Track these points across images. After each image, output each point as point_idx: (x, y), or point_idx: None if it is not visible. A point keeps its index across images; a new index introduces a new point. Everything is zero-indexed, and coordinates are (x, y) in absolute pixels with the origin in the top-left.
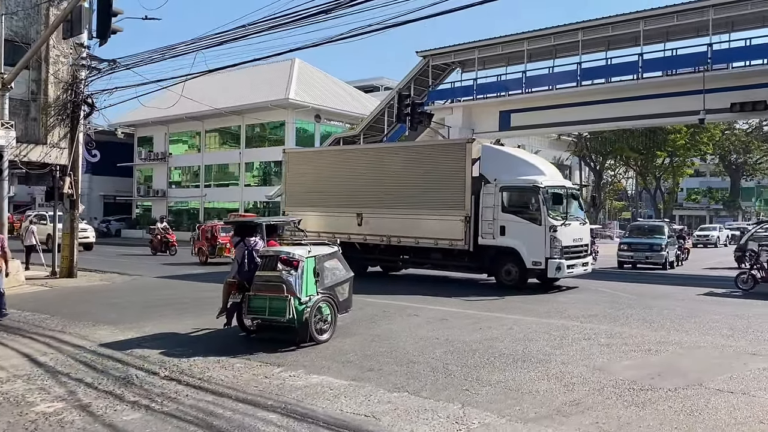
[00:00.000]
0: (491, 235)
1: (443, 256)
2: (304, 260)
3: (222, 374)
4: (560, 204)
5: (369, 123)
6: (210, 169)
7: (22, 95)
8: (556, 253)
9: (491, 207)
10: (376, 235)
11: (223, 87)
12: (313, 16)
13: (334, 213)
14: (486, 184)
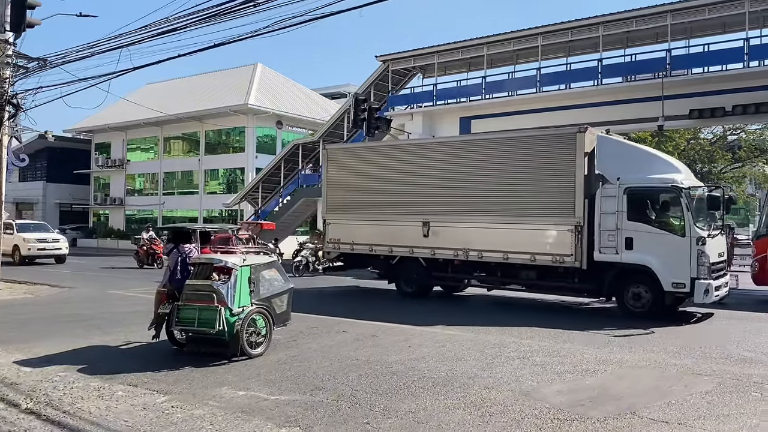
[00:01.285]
0: (613, 249)
1: (539, 275)
2: (238, 269)
3: (95, 405)
4: (705, 210)
5: (328, 129)
6: (170, 177)
7: None
8: (704, 272)
9: (612, 213)
10: (449, 249)
11: (183, 92)
12: (239, 10)
13: (391, 221)
14: (604, 184)
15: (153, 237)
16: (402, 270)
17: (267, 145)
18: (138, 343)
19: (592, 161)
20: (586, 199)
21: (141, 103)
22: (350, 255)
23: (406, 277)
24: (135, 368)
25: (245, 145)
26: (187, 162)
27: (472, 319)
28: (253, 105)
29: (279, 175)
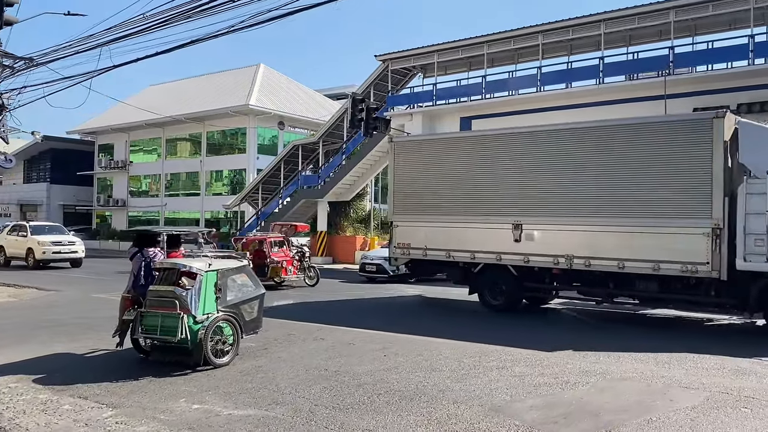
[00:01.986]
0: (763, 256)
1: (662, 286)
2: (203, 274)
3: (35, 420)
4: None
5: (328, 129)
6: (171, 178)
7: None
8: None
9: (762, 214)
10: (547, 256)
11: (186, 94)
12: (215, 7)
13: (473, 223)
14: (750, 179)
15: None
16: (486, 279)
17: (268, 146)
18: (104, 351)
19: (730, 152)
20: (726, 197)
21: (144, 105)
22: (421, 261)
23: (491, 288)
24: (92, 378)
25: (246, 146)
26: (189, 163)
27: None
28: (254, 106)
29: (279, 176)
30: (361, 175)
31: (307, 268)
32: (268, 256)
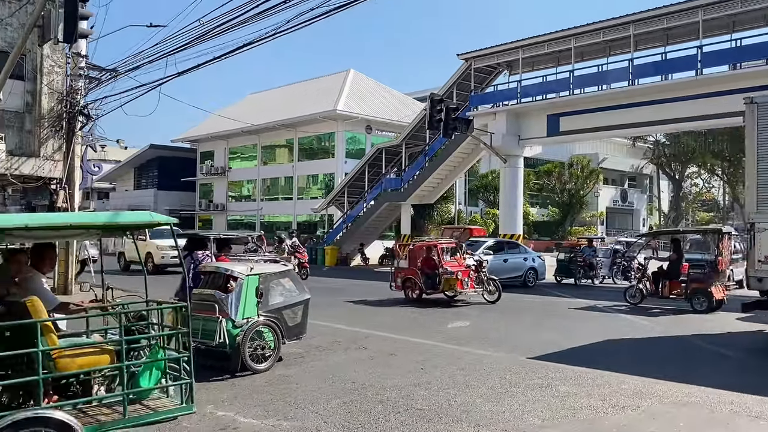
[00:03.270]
0: None
1: None
2: (244, 278)
3: None
4: None
5: (411, 132)
6: (267, 183)
7: (17, 107)
8: None
9: None
10: None
11: (280, 101)
12: (271, 9)
13: None
14: None
15: (297, 244)
16: None
17: (357, 150)
18: None
19: None
20: None
21: (242, 112)
22: None
23: None
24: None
25: (335, 151)
26: (283, 168)
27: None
28: (342, 110)
29: (364, 179)
30: (444, 177)
31: (485, 280)
32: (439, 266)
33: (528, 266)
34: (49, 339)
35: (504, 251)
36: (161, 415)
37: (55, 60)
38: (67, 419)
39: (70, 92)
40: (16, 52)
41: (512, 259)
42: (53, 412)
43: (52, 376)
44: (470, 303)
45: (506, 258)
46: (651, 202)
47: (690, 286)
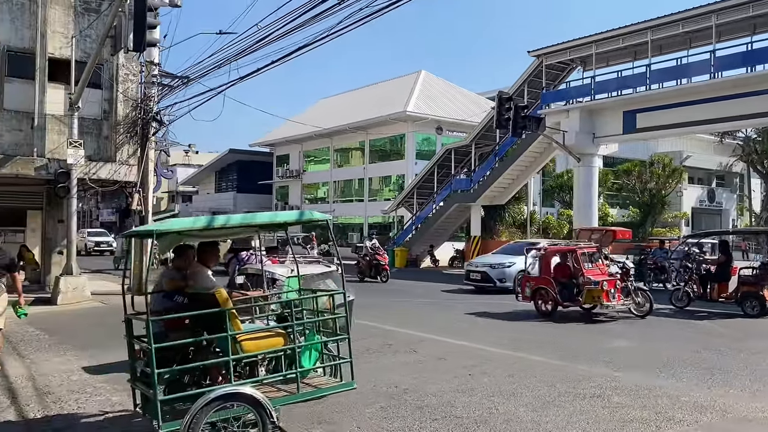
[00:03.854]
0: None
1: None
2: (284, 279)
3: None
4: None
5: (480, 131)
6: (338, 185)
7: (96, 115)
8: None
9: None
10: None
11: (352, 104)
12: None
13: None
14: None
15: (377, 246)
16: None
17: (428, 151)
18: None
19: None
20: None
21: (315, 116)
22: None
23: None
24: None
25: (405, 152)
26: (354, 171)
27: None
28: (411, 112)
29: (433, 180)
30: (516, 177)
31: (633, 291)
32: (580, 274)
33: None
34: (235, 325)
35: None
36: (327, 391)
37: (130, 69)
38: (255, 393)
39: (144, 99)
40: (91, 62)
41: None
42: (243, 388)
43: (239, 357)
44: (615, 318)
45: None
46: (741, 202)
47: (741, 289)
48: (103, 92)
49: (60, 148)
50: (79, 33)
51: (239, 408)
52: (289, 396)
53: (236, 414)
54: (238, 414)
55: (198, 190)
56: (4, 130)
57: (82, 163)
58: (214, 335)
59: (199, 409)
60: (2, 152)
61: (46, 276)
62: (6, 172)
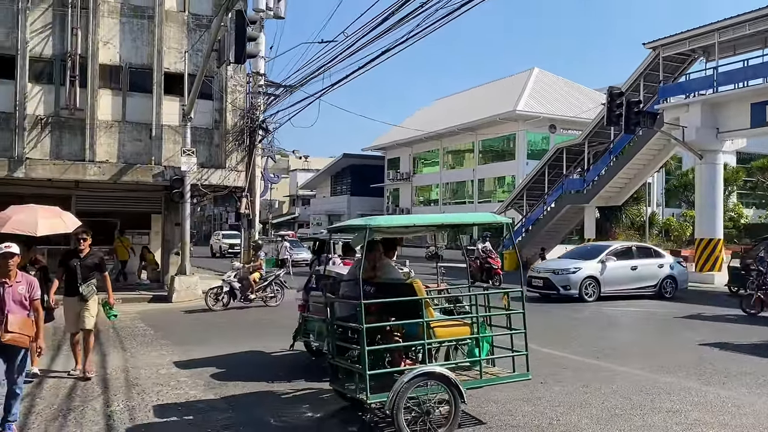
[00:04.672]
0: None
1: None
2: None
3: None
4: None
5: (593, 129)
6: (448, 187)
7: (207, 124)
8: None
9: None
10: None
11: (462, 105)
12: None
13: None
14: None
15: (489, 249)
16: None
17: (540, 150)
18: (297, 351)
19: None
20: None
21: (427, 118)
22: None
23: None
24: (252, 376)
25: (516, 153)
26: (464, 172)
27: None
28: (522, 111)
29: (543, 181)
30: (633, 176)
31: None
32: None
33: (664, 274)
34: (429, 313)
35: (632, 257)
36: (506, 379)
37: (238, 80)
38: (447, 373)
39: (250, 108)
40: (200, 75)
41: (643, 267)
42: (436, 368)
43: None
44: None
45: (635, 265)
46: None
47: None
48: (213, 103)
49: (175, 156)
50: (191, 48)
51: (434, 387)
52: (474, 381)
53: (432, 392)
54: (433, 392)
55: (315, 194)
56: (126, 141)
57: (194, 169)
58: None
59: (405, 384)
60: (125, 161)
61: (165, 275)
62: (128, 179)
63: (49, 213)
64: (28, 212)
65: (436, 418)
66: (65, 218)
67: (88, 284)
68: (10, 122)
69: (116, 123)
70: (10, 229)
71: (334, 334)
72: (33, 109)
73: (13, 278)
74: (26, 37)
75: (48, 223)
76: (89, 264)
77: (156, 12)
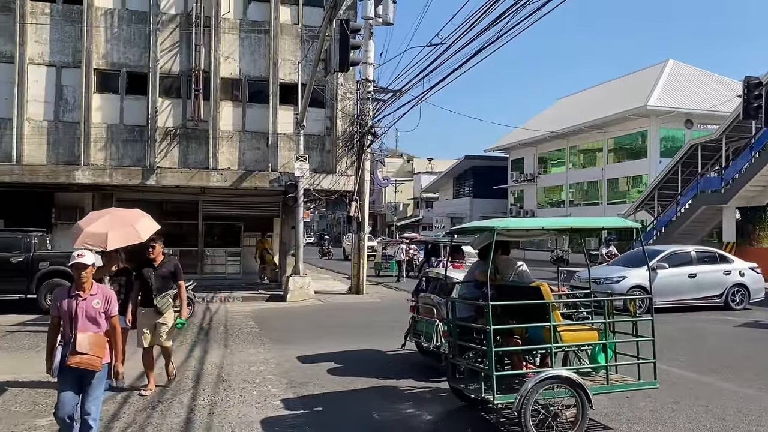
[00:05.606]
0: None
1: None
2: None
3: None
4: None
5: (731, 124)
6: (576, 188)
7: (319, 131)
8: None
9: None
10: None
11: (590, 102)
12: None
13: None
14: None
15: (614, 254)
16: None
17: (675, 148)
18: (409, 351)
19: None
20: None
21: (551, 117)
22: None
23: None
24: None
25: (647, 150)
26: (591, 172)
27: None
28: (653, 106)
29: (676, 180)
30: None
31: None
32: None
33: (731, 282)
34: (556, 316)
35: (690, 263)
36: (633, 386)
37: (348, 87)
38: (576, 377)
39: (360, 115)
40: (309, 85)
41: (703, 274)
42: (563, 371)
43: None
44: None
45: (693, 272)
46: None
47: None
48: (325, 110)
49: (289, 163)
50: (304, 59)
51: (561, 390)
52: (602, 386)
53: (559, 395)
54: (560, 395)
55: (438, 196)
56: (246, 149)
57: (307, 175)
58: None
59: (533, 386)
60: (245, 168)
61: (282, 276)
62: (246, 185)
63: (123, 221)
64: (101, 222)
65: (562, 422)
66: (140, 225)
67: (164, 295)
68: (143, 134)
69: (236, 132)
70: (82, 243)
71: (455, 334)
72: (163, 122)
73: (87, 291)
74: (156, 56)
75: (119, 235)
76: (164, 273)
77: (272, 26)
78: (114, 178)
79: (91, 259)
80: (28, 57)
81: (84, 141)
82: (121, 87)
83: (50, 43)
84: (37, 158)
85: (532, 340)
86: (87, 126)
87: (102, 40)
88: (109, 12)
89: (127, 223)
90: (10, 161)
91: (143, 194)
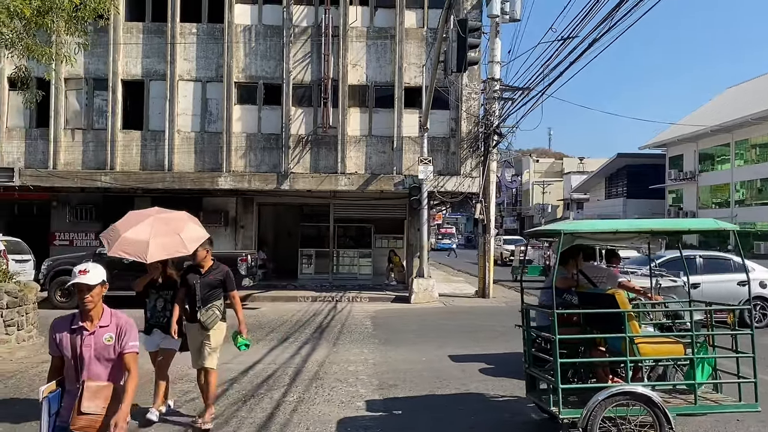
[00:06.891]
0: None
1: None
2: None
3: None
4: None
5: None
6: (744, 186)
7: (444, 133)
8: None
9: None
10: None
11: (759, 92)
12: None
13: None
14: None
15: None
16: None
17: None
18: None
19: None
20: None
21: (715, 110)
22: None
23: None
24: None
25: None
26: (762, 169)
27: None
28: None
29: None
30: None
31: None
32: None
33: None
34: (633, 327)
35: (695, 271)
36: (726, 408)
37: (473, 87)
38: (652, 395)
39: (485, 115)
40: (431, 87)
41: (711, 284)
42: (637, 388)
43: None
44: None
45: (696, 282)
46: None
47: None
48: (450, 112)
49: (414, 166)
50: (429, 61)
51: (635, 408)
52: (687, 406)
53: (633, 413)
54: (634, 414)
55: (588, 197)
56: (372, 153)
57: (431, 177)
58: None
59: (600, 402)
60: (371, 171)
61: (408, 277)
62: (372, 189)
63: (168, 228)
64: (143, 227)
65: None
66: (186, 234)
67: (209, 308)
68: (278, 142)
69: (363, 137)
70: (118, 251)
71: (530, 342)
72: (296, 130)
73: (95, 321)
74: (290, 67)
75: (162, 244)
76: (211, 281)
77: (397, 31)
78: (252, 183)
79: (99, 276)
80: (178, 74)
81: (226, 149)
82: (259, 98)
83: (196, 60)
84: (186, 166)
85: (612, 352)
86: (228, 135)
87: (241, 54)
88: (247, 28)
89: (172, 231)
90: (162, 169)
91: (281, 198)
